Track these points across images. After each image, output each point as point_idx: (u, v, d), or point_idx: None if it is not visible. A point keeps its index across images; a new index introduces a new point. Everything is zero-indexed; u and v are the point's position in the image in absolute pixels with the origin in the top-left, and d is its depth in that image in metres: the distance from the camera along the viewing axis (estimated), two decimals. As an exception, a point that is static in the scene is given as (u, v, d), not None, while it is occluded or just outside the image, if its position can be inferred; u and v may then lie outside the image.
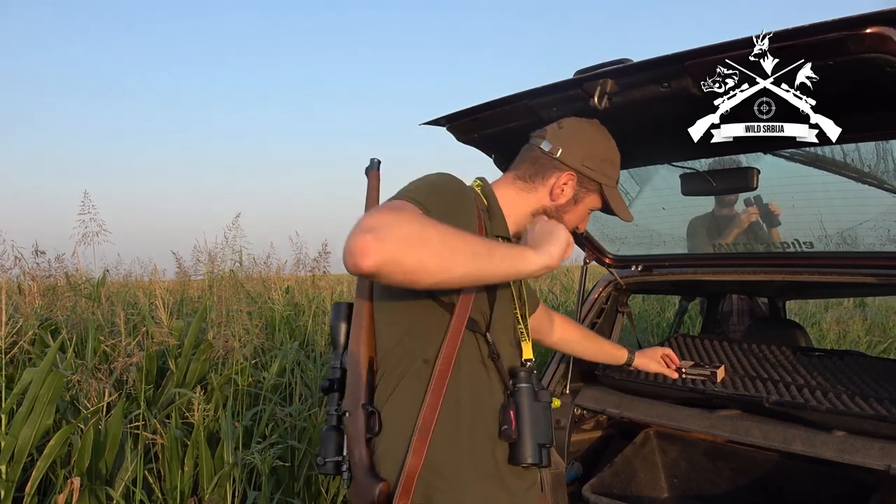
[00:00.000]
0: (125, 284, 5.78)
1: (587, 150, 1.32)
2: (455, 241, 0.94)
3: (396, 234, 0.88)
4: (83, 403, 2.63)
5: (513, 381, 1.18)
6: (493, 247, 1.02)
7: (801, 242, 1.85)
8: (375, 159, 1.30)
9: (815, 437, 1.60)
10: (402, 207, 1.01)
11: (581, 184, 1.32)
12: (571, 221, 1.35)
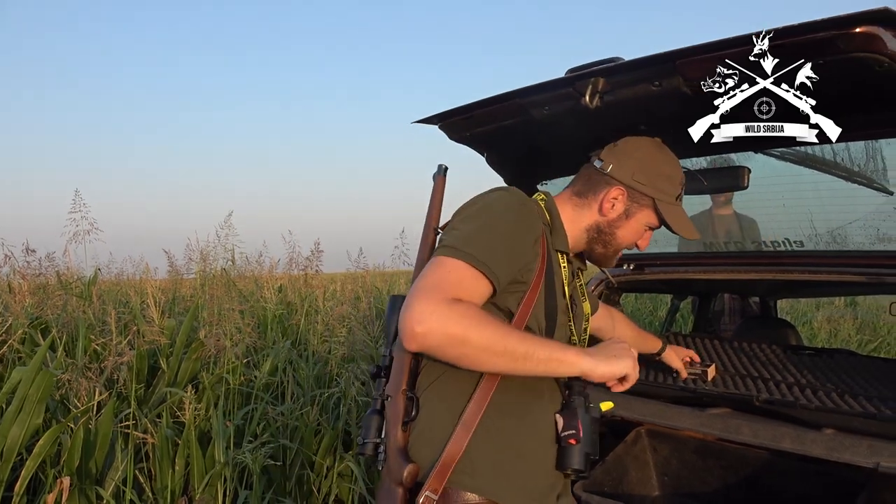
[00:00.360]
0: (117, 283, 5.75)
1: (639, 164, 1.32)
2: (496, 344, 1.05)
3: (440, 332, 1.02)
4: (73, 402, 2.61)
5: (568, 392, 1.23)
6: (534, 349, 1.08)
7: (792, 241, 1.86)
8: (442, 165, 1.36)
9: (805, 435, 1.61)
10: (457, 286, 1.08)
11: (632, 199, 1.33)
12: (625, 237, 1.35)
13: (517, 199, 1.22)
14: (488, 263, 1.10)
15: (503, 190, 1.27)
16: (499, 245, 1.14)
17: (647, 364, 2.25)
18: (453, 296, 1.06)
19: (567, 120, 1.43)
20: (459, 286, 1.08)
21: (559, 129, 1.53)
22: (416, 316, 1.03)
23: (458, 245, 1.12)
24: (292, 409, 3.02)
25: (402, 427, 1.19)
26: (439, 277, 1.09)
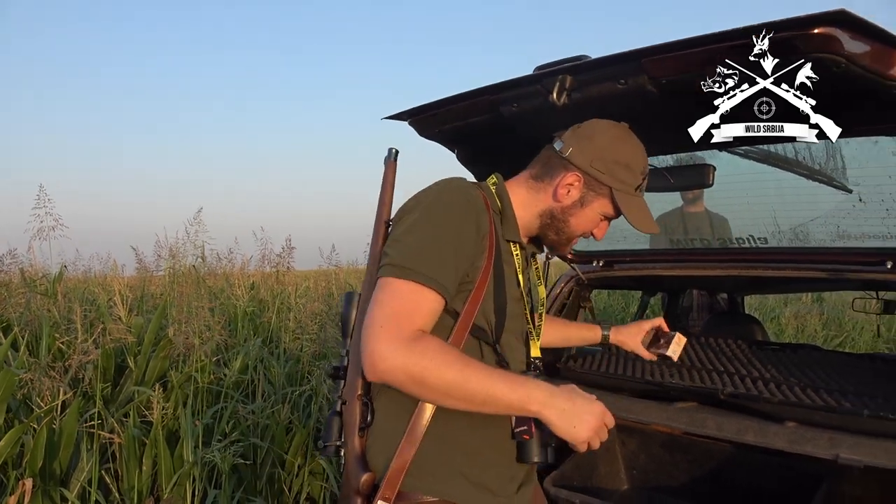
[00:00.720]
0: (84, 281, 5.64)
1: (598, 150, 1.25)
2: (455, 390, 1.04)
3: (402, 373, 1.03)
4: (36, 402, 2.56)
5: None
6: (495, 396, 1.06)
7: (756, 238, 1.90)
8: (392, 149, 1.32)
9: (768, 428, 1.64)
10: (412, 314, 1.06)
11: (589, 186, 1.27)
12: (578, 225, 1.30)
13: (459, 196, 1.18)
14: (437, 278, 1.09)
15: (444, 185, 1.21)
16: (444, 253, 1.11)
17: (614, 357, 2.27)
18: (411, 327, 1.05)
19: (535, 117, 1.43)
20: (415, 312, 1.07)
21: (528, 126, 1.54)
22: (377, 354, 1.03)
23: (403, 262, 1.10)
24: (263, 408, 2.99)
25: (359, 433, 1.18)
26: (393, 308, 1.07)
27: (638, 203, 1.28)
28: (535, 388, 1.08)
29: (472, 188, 1.21)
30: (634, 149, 1.27)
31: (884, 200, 1.58)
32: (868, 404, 1.62)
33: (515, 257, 1.27)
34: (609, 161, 1.24)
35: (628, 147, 1.27)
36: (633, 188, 1.26)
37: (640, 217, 1.27)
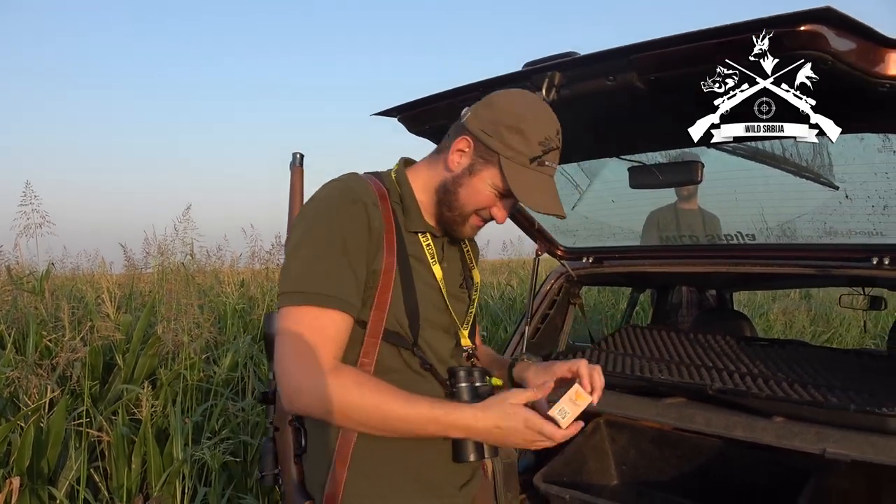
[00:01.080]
0: (71, 278, 5.60)
1: (493, 113, 1.13)
2: (375, 425, 1.02)
3: (319, 410, 1.00)
4: (23, 400, 2.54)
5: (452, 380, 1.12)
6: (412, 427, 1.02)
7: (744, 235, 1.91)
8: (297, 154, 1.25)
9: (756, 423, 1.65)
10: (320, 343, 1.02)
11: (478, 152, 1.13)
12: (468, 198, 1.15)
13: (341, 199, 1.10)
14: (335, 295, 1.03)
15: (326, 189, 1.13)
16: (336, 266, 1.05)
17: (604, 353, 2.28)
18: (322, 359, 1.01)
19: (525, 114, 1.43)
20: (322, 340, 1.02)
21: (517, 123, 1.54)
22: (291, 390, 1.01)
23: (296, 287, 1.04)
24: (253, 405, 2.98)
25: (295, 460, 1.14)
26: (298, 338, 1.02)
27: (532, 178, 1.11)
28: (459, 417, 1.02)
29: (359, 185, 1.13)
30: (535, 117, 1.12)
31: (870, 197, 1.59)
32: (855, 399, 1.63)
33: (426, 248, 1.18)
34: (501, 125, 1.11)
35: (528, 114, 1.12)
36: (528, 159, 1.10)
37: (531, 192, 1.12)
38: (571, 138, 1.61)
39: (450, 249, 1.26)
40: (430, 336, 1.16)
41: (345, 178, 1.16)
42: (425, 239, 1.19)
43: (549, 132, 1.12)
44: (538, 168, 1.12)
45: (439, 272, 1.18)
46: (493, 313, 5.49)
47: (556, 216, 1.16)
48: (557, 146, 1.14)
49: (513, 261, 9.48)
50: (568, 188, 1.98)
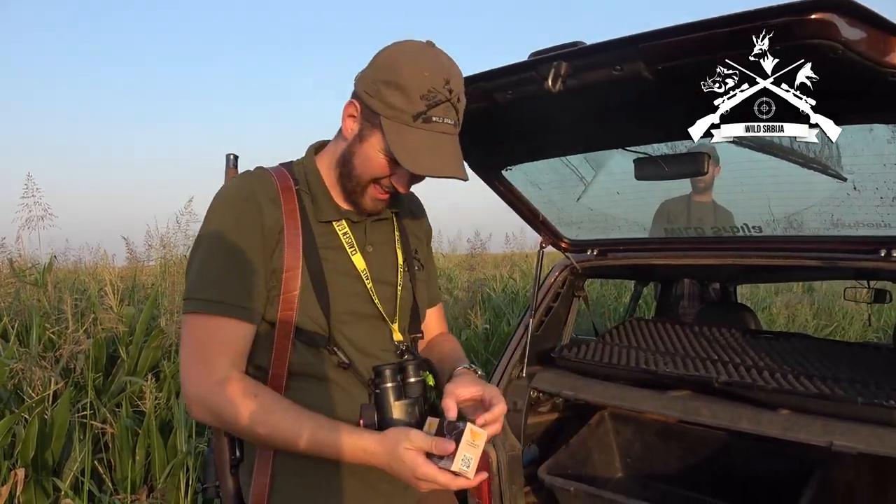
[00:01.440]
0: (74, 271, 5.61)
1: (373, 70, 1.03)
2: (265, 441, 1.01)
3: (211, 421, 1.02)
4: (27, 392, 2.54)
5: (377, 380, 1.06)
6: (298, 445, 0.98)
7: (751, 227, 1.89)
8: (230, 155, 1.22)
9: (762, 416, 1.65)
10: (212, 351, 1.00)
11: (365, 116, 1.04)
12: (362, 167, 1.06)
13: (233, 199, 1.06)
14: (230, 301, 1.00)
15: (219, 193, 1.09)
16: (230, 271, 1.01)
17: (608, 346, 2.28)
18: (214, 369, 0.99)
19: (530, 104, 1.42)
20: (215, 350, 1.00)
21: (523, 114, 1.52)
22: (187, 400, 1.02)
23: (192, 294, 1.02)
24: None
25: (231, 470, 1.12)
26: (193, 348, 1.01)
27: (418, 137, 1.00)
28: (349, 447, 0.96)
29: (256, 180, 1.08)
30: (415, 68, 0.99)
31: (878, 188, 1.58)
32: (861, 392, 1.62)
33: (343, 237, 1.11)
34: (379, 82, 1.01)
35: (406, 66, 0.99)
36: (410, 117, 0.99)
37: (416, 156, 0.99)
38: (576, 129, 1.61)
39: (377, 233, 1.18)
40: (355, 331, 1.10)
41: (244, 174, 1.12)
42: (341, 227, 1.11)
43: (433, 83, 0.99)
44: (424, 126, 1.00)
45: (360, 261, 1.11)
46: (495, 306, 5.48)
47: (453, 178, 1.03)
48: (446, 98, 1.00)
49: (515, 254, 9.47)
50: (573, 180, 1.97)
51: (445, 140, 1.02)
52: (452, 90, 1.01)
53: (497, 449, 1.99)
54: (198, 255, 1.05)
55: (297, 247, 1.05)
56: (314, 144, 1.19)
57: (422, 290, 1.24)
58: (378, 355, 1.12)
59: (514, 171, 1.99)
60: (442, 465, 0.93)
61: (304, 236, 1.06)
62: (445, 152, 1.02)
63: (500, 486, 1.99)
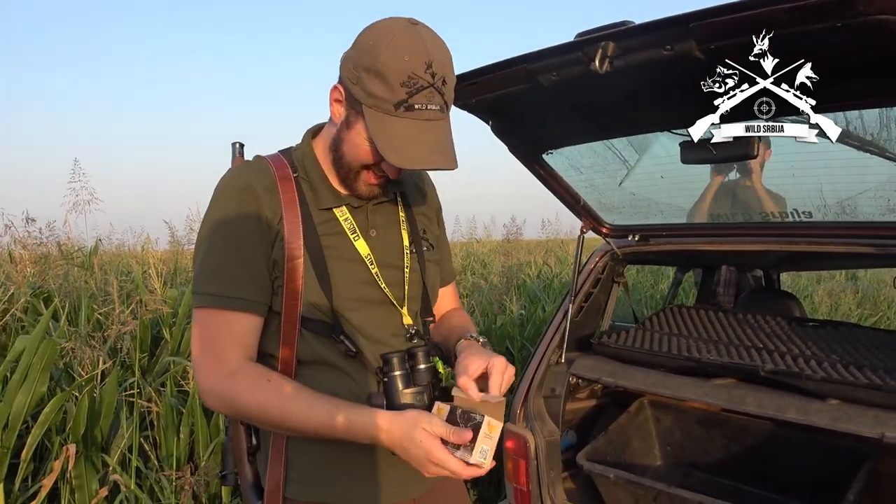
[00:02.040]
0: (118, 254, 5.75)
1: (355, 53, 0.98)
2: (280, 427, 1.03)
3: (226, 411, 1.05)
4: (77, 371, 2.62)
5: (385, 367, 1.04)
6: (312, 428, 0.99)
7: (800, 212, 1.84)
8: (237, 143, 1.22)
9: (810, 406, 1.61)
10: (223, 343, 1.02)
11: (349, 102, 1.01)
12: (351, 154, 1.04)
13: (230, 190, 1.06)
14: (235, 295, 1.02)
15: (221, 180, 1.09)
16: (233, 264, 1.02)
17: (649, 332, 2.25)
18: (224, 360, 1.01)
19: (575, 86, 1.39)
20: (224, 342, 1.02)
21: (567, 96, 1.50)
22: (200, 392, 1.04)
23: (199, 288, 1.04)
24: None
25: (248, 459, 1.13)
26: (203, 341, 1.03)
27: (400, 127, 0.96)
28: (363, 427, 0.97)
29: (253, 170, 1.07)
30: (394, 53, 0.94)
31: (938, 172, 1.52)
32: (916, 383, 1.58)
33: (344, 222, 1.09)
34: (360, 68, 0.96)
35: (385, 50, 0.94)
36: (391, 105, 0.95)
37: (399, 149, 0.96)
38: (622, 111, 1.58)
39: (380, 217, 1.15)
40: (363, 318, 1.09)
41: (242, 164, 1.12)
42: (341, 213, 1.09)
43: (414, 68, 0.94)
44: (406, 115, 0.96)
45: (364, 246, 1.09)
46: (531, 292, 5.46)
47: (438, 170, 1.01)
48: (428, 84, 0.95)
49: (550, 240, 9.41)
50: (616, 163, 1.93)
51: (431, 127, 0.98)
52: (436, 73, 0.96)
53: (535, 434, 1.99)
54: (202, 249, 1.06)
55: (298, 236, 1.04)
56: (311, 128, 1.16)
57: (433, 272, 1.22)
58: (387, 341, 1.10)
59: (555, 154, 1.96)
60: (459, 454, 0.93)
61: (304, 225, 1.05)
62: (431, 141, 0.98)
63: (538, 471, 1.99)
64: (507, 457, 2.04)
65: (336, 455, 1.07)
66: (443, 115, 1.00)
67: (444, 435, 0.93)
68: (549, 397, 2.10)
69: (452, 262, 1.39)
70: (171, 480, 2.41)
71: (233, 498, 2.52)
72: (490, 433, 0.93)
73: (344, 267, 1.07)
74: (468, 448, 0.92)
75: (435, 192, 1.32)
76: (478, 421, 0.93)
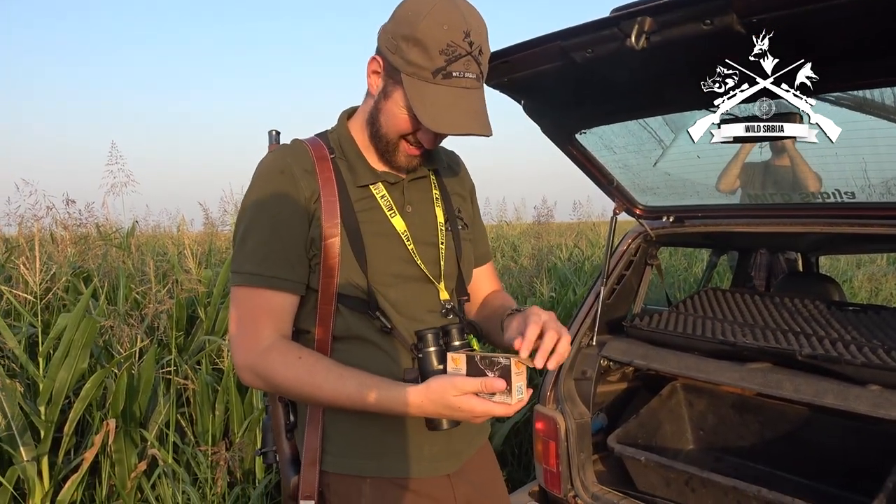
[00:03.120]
0: (154, 235, 5.87)
1: (393, 23, 1.01)
2: (315, 401, 1.04)
3: (263, 386, 1.05)
4: (116, 349, 2.69)
5: (420, 344, 1.03)
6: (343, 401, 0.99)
7: (843, 192, 1.78)
8: (273, 131, 1.23)
9: (849, 391, 1.57)
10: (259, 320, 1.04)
11: (387, 72, 1.03)
12: (388, 125, 1.06)
13: (269, 172, 1.08)
14: (270, 273, 1.04)
15: (259, 164, 1.11)
16: (270, 243, 1.04)
17: (682, 315, 2.22)
18: (259, 337, 1.03)
19: (610, 63, 1.36)
20: (259, 319, 1.04)
21: (602, 73, 1.47)
22: (237, 368, 1.05)
23: (237, 267, 1.06)
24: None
25: (287, 435, 1.15)
26: (239, 319, 1.05)
27: (438, 94, 0.98)
28: (393, 401, 0.97)
29: (291, 152, 1.09)
30: (433, 21, 0.96)
31: None
32: (962, 369, 1.53)
33: (381, 199, 1.10)
34: (398, 37, 0.99)
35: (424, 19, 0.96)
36: (430, 73, 0.97)
37: (437, 114, 0.98)
38: (658, 89, 1.54)
39: (415, 193, 1.16)
40: (399, 294, 1.09)
41: (280, 147, 1.14)
42: (378, 190, 1.10)
43: (452, 36, 0.96)
44: (444, 82, 0.98)
45: (400, 222, 1.10)
46: (561, 275, 5.43)
47: (474, 135, 1.00)
48: (466, 52, 0.97)
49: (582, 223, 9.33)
50: (650, 143, 1.89)
51: (467, 95, 1.00)
52: (473, 42, 0.98)
53: (565, 416, 1.99)
54: (241, 230, 1.08)
55: (335, 213, 1.05)
56: (346, 111, 1.18)
57: (467, 250, 1.22)
58: (423, 318, 1.11)
59: (588, 134, 1.93)
60: (497, 399, 0.93)
61: (341, 202, 1.07)
62: (467, 108, 1.00)
63: (567, 453, 1.99)
64: (537, 438, 2.04)
65: (371, 429, 1.08)
66: (478, 84, 1.02)
67: (475, 390, 0.93)
68: (579, 379, 2.09)
69: (488, 243, 1.38)
70: (207, 455, 2.47)
71: (266, 474, 2.58)
72: (519, 370, 0.94)
73: (381, 243, 1.09)
74: (506, 391, 0.92)
75: (468, 173, 1.32)
76: (504, 364, 0.93)
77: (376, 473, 1.08)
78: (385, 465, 1.08)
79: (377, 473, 1.08)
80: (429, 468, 1.10)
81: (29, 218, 3.95)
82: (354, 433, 1.08)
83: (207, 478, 2.44)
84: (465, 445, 1.17)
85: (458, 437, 1.13)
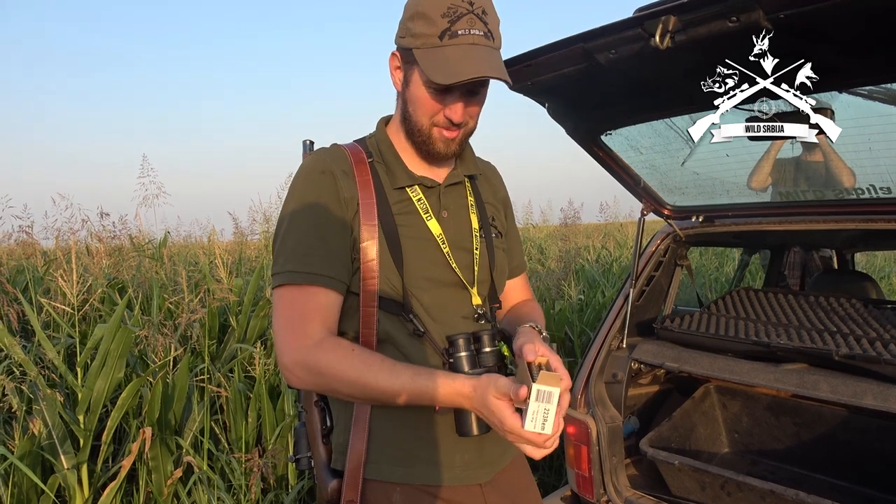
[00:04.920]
0: (185, 245, 5.97)
1: (403, 13, 1.08)
2: (364, 397, 1.02)
3: (310, 384, 1.04)
4: (151, 358, 2.74)
5: (451, 349, 1.05)
6: (393, 398, 0.99)
7: (878, 188, 1.74)
8: (307, 141, 1.26)
9: (889, 392, 1.53)
10: (305, 319, 1.03)
11: (405, 60, 1.08)
12: (417, 112, 1.09)
13: (310, 173, 1.10)
14: (315, 271, 1.04)
15: (300, 167, 1.13)
16: (313, 243, 1.05)
17: (714, 317, 2.18)
18: (306, 335, 1.02)
19: (634, 63, 1.35)
20: (306, 317, 1.03)
21: (626, 74, 1.46)
22: (283, 368, 1.04)
23: (280, 268, 1.06)
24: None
25: (323, 440, 1.15)
26: (285, 318, 1.04)
27: (446, 54, 1.01)
28: (444, 391, 0.97)
29: (331, 155, 1.11)
30: None
31: None
32: None
33: (418, 203, 1.12)
34: (406, 21, 1.05)
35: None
36: (436, 38, 1.01)
37: (445, 68, 1.00)
38: (683, 88, 1.52)
39: (452, 199, 1.17)
40: (433, 298, 1.10)
41: (319, 150, 1.16)
42: (415, 193, 1.12)
43: (448, 2, 1.01)
44: (451, 42, 1.01)
45: (436, 226, 1.12)
46: (589, 277, 5.39)
47: (489, 78, 1.03)
48: (467, 10, 1.01)
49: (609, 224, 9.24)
50: (677, 142, 1.87)
51: (477, 49, 1.02)
52: (473, 3, 1.02)
53: (597, 420, 1.97)
54: (282, 231, 1.09)
55: (373, 216, 1.07)
56: (383, 117, 1.21)
57: (500, 258, 1.22)
58: (455, 323, 1.11)
59: (613, 135, 1.92)
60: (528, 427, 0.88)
61: (378, 204, 1.08)
62: (478, 57, 1.01)
63: (600, 457, 1.97)
64: (569, 442, 2.03)
65: (406, 436, 1.08)
66: (487, 40, 1.03)
67: (509, 393, 0.91)
68: (610, 383, 2.07)
69: (523, 254, 1.39)
70: (241, 462, 2.50)
71: (299, 480, 2.60)
72: (544, 393, 0.87)
73: (417, 246, 1.10)
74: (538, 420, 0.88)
75: (503, 184, 1.34)
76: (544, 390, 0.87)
77: (407, 480, 1.08)
78: (416, 472, 1.08)
79: (408, 480, 1.08)
80: (460, 476, 1.10)
81: (65, 231, 4.06)
82: (387, 440, 1.09)
83: (241, 484, 2.47)
84: (498, 455, 1.16)
85: (490, 447, 1.13)
